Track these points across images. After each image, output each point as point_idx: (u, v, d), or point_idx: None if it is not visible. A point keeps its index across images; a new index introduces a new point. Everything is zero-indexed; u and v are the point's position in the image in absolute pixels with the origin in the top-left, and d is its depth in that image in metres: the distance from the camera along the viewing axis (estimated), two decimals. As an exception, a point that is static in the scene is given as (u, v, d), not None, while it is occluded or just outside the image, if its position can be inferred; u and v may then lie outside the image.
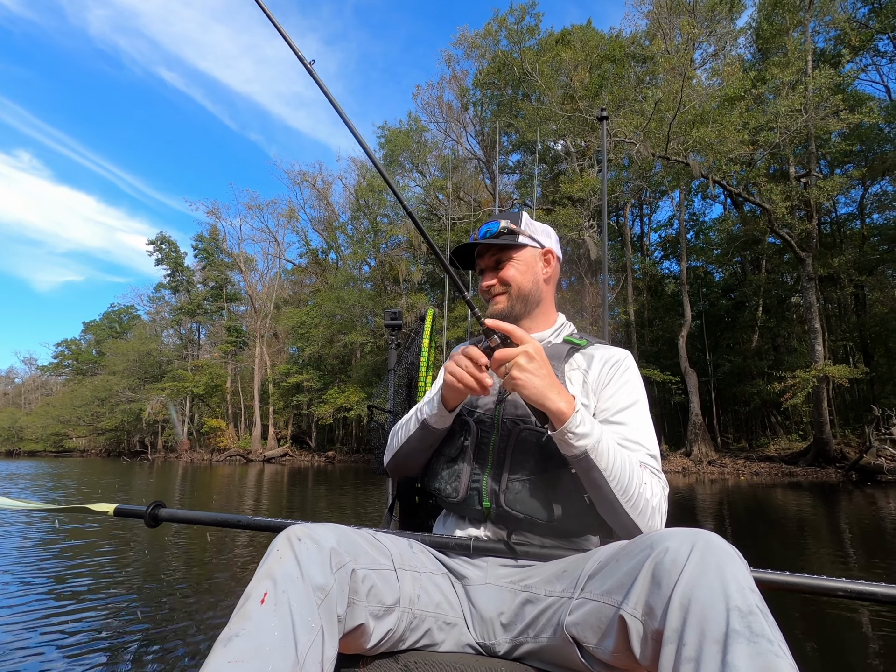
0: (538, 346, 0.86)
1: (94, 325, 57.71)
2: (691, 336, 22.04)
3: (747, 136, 11.30)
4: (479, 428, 1.02)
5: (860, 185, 19.68)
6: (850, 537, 5.74)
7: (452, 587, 0.95)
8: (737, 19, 19.02)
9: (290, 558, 0.70)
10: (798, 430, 19.68)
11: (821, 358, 14.69)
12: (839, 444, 15.53)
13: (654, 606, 0.62)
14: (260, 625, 0.62)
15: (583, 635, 0.73)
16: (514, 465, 0.96)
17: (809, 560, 4.55)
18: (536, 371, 0.83)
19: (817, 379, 14.10)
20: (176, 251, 39.84)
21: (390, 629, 0.81)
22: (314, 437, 31.59)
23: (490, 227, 1.13)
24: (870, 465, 13.02)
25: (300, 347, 28.79)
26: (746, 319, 22.27)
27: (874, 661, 2.54)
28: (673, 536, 0.67)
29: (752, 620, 0.55)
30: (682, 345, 18.25)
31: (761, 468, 15.45)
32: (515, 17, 18.19)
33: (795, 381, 14.48)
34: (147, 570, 4.07)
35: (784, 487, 11.66)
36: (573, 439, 0.83)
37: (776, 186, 12.70)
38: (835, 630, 3.00)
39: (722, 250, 22.38)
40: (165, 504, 1.22)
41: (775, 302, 22.00)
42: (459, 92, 22.45)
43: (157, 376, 39.69)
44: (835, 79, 11.25)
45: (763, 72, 13.13)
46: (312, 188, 31.59)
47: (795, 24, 14.34)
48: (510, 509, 0.94)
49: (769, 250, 20.60)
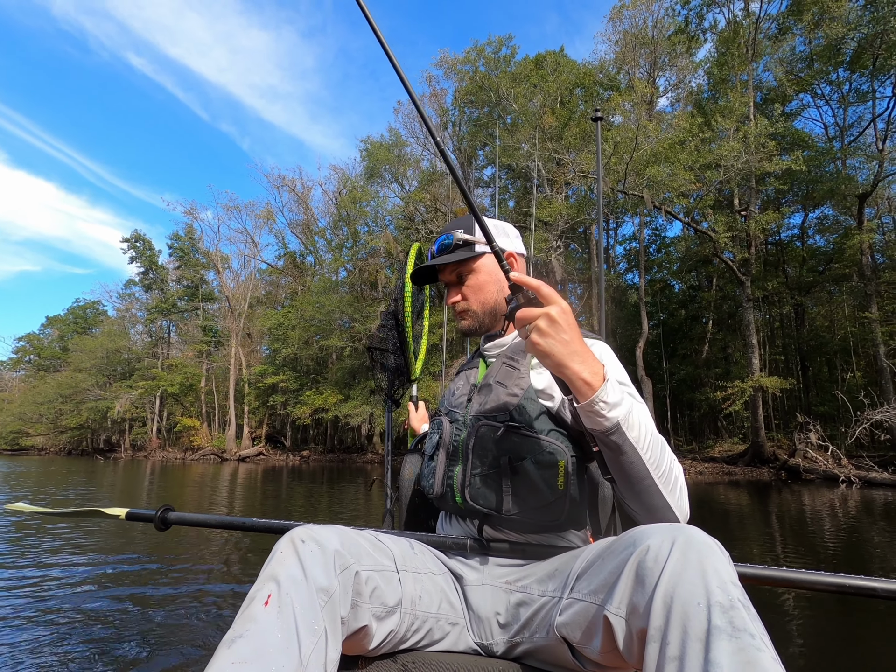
0: (565, 308, 0.77)
1: (58, 320, 56.17)
2: (652, 344, 23.76)
3: (693, 175, 12.88)
4: (453, 426, 1.04)
5: (801, 211, 21.83)
6: (779, 528, 6.45)
7: (454, 587, 0.96)
8: (695, 54, 20.89)
9: (293, 560, 0.71)
10: (739, 434, 21.53)
11: (757, 370, 16.48)
12: (773, 447, 17.34)
13: (638, 605, 0.62)
14: (264, 627, 0.63)
15: (572, 635, 0.73)
16: (474, 460, 0.97)
17: (747, 548, 5.08)
18: (557, 336, 0.75)
19: (753, 389, 15.85)
20: (150, 249, 39.53)
21: (392, 630, 0.81)
22: (289, 437, 32.10)
23: (444, 240, 1.10)
24: (796, 466, 14.82)
25: (276, 349, 29.25)
26: (698, 332, 24.18)
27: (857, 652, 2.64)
28: (654, 533, 0.66)
29: (733, 615, 0.55)
30: (639, 354, 19.84)
31: (705, 468, 17.11)
32: (493, 47, 19.58)
33: (735, 391, 16.21)
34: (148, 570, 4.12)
35: (725, 485, 12.81)
36: (605, 409, 0.76)
37: (721, 217, 14.40)
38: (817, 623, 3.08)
39: (680, 265, 24.29)
40: (175, 507, 1.25)
41: (726, 316, 23.97)
42: (439, 110, 23.61)
43: (126, 374, 39.33)
44: (770, 129, 12.96)
45: (710, 116, 14.79)
46: (292, 192, 32.11)
47: (740, 71, 16.12)
48: (474, 504, 0.95)
49: (720, 269, 22.54)
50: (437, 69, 21.84)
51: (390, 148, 24.34)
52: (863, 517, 7.73)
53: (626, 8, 19.17)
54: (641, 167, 12.75)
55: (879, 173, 15.13)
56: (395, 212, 24.70)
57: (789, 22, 17.13)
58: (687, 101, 20.51)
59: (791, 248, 22.20)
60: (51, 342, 55.51)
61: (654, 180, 12.44)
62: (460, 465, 0.99)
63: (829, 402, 18.21)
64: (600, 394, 0.75)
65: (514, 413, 0.95)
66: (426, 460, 1.09)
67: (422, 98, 24.00)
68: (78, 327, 52.09)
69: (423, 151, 26.08)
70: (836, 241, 19.86)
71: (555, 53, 23.00)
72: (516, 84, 18.97)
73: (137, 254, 39.51)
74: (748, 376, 16.41)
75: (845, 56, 16.09)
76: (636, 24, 19.26)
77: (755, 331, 16.85)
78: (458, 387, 1.12)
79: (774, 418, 21.31)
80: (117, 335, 40.97)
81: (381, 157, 23.81)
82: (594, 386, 0.76)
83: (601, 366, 0.78)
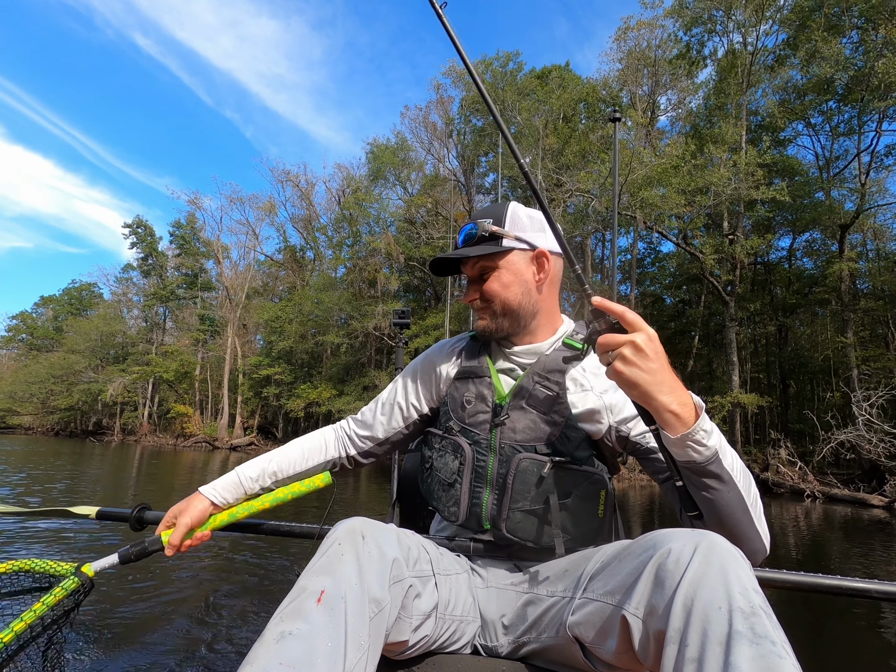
0: (651, 335, 0.72)
1: (52, 300, 56.12)
2: (639, 357, 24.40)
3: (684, 200, 13.60)
4: (475, 450, 0.96)
5: (790, 234, 22.62)
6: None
7: (471, 587, 0.94)
8: (696, 76, 21.60)
9: (351, 558, 0.69)
10: (718, 447, 22.24)
11: (736, 387, 17.24)
12: (749, 461, 18.09)
13: (657, 607, 0.62)
14: (315, 629, 0.61)
15: (585, 635, 0.73)
16: (514, 495, 0.91)
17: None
18: (644, 364, 0.70)
19: (731, 405, 16.59)
20: (152, 235, 39.75)
21: (426, 636, 0.81)
22: (280, 428, 32.53)
23: (469, 230, 1.01)
24: (766, 480, 15.57)
25: (273, 341, 29.67)
26: (685, 346, 24.96)
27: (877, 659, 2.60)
28: (676, 537, 0.66)
29: (755, 622, 0.55)
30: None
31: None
32: (500, 62, 20.24)
33: (714, 405, 16.94)
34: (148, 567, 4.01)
35: None
36: (705, 438, 0.72)
37: (709, 240, 15.15)
38: (838, 628, 3.04)
39: (672, 280, 25.08)
40: (151, 506, 1.18)
41: (712, 332, 24.75)
42: (445, 118, 24.21)
43: (120, 357, 39.54)
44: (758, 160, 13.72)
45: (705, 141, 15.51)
46: (295, 187, 32.53)
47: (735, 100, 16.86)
48: (511, 536, 0.91)
49: (708, 287, 23.29)
50: (446, 77, 22.45)
51: (395, 152, 24.92)
52: (824, 528, 8.47)
53: (631, 30, 19.84)
54: (635, 189, 13.43)
55: (861, 206, 15.90)
56: (398, 214, 25.28)
57: (785, 52, 17.90)
58: (686, 122, 21.23)
59: (779, 268, 23.00)
60: (44, 322, 55.45)
61: (647, 202, 13.13)
62: (489, 493, 0.94)
63: (805, 421, 19.02)
64: (700, 423, 0.72)
65: (557, 444, 0.92)
66: (443, 486, 0.99)
67: (428, 105, 24.60)
68: (73, 308, 52.12)
69: (427, 156, 26.70)
70: (822, 265, 20.66)
71: (560, 68, 23.63)
72: (521, 98, 19.60)
73: (139, 239, 39.72)
74: (728, 392, 17.16)
75: (837, 90, 16.87)
76: (640, 44, 19.95)
77: (737, 349, 17.60)
78: (469, 399, 1.01)
79: (755, 433, 22.13)
80: (113, 319, 41.14)
81: (386, 159, 24.38)
82: (683, 417, 0.72)
83: (689, 395, 0.74)
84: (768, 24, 17.54)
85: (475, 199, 25.20)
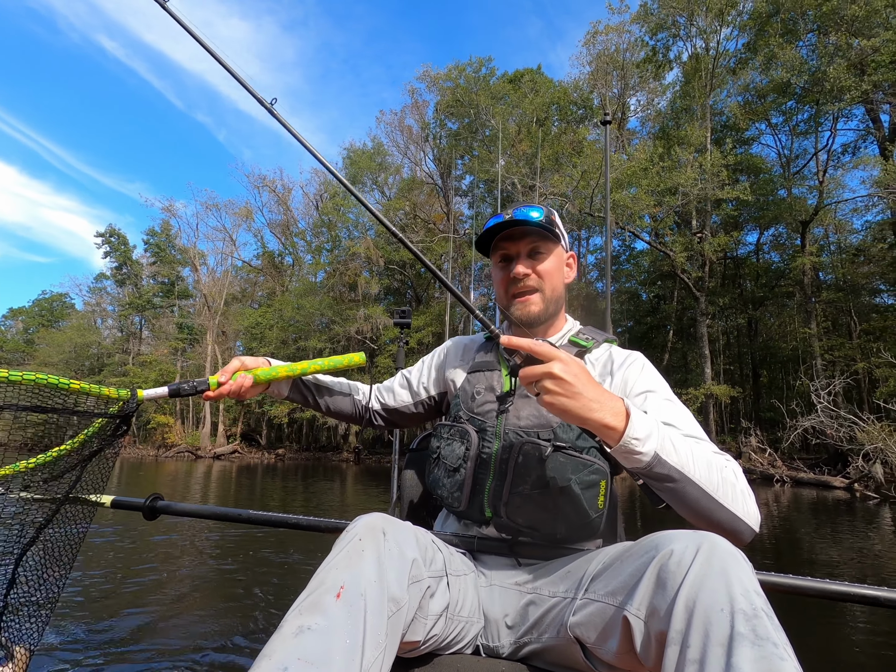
0: (565, 360, 0.74)
1: (22, 311, 54.51)
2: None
3: (653, 200, 14.15)
4: (481, 437, 0.99)
5: (757, 229, 23.48)
6: None
7: (476, 586, 0.95)
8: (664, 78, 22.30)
9: (372, 557, 0.69)
10: (693, 437, 22.97)
11: (709, 379, 17.92)
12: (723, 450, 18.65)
13: (659, 608, 0.62)
14: (334, 625, 0.61)
15: (586, 636, 0.73)
16: (515, 479, 0.93)
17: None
18: (568, 391, 0.73)
19: (705, 396, 17.24)
20: (125, 244, 39.01)
21: (435, 635, 0.81)
22: (264, 435, 32.31)
23: (533, 210, 1.03)
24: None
25: (253, 348, 29.48)
26: (661, 340, 25.68)
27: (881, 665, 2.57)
28: (678, 538, 0.67)
29: (756, 624, 0.55)
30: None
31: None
32: (473, 67, 20.63)
33: (689, 397, 17.57)
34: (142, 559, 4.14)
35: None
36: (637, 445, 0.75)
37: (679, 238, 15.78)
38: (841, 634, 3.04)
39: (647, 276, 25.78)
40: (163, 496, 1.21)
41: (686, 326, 25.52)
42: (421, 122, 24.47)
43: (96, 369, 38.71)
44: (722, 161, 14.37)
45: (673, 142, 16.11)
46: (272, 193, 32.34)
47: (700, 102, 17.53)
48: (511, 521, 0.93)
49: (680, 283, 24.04)
50: (420, 82, 22.72)
51: (372, 156, 25.07)
52: (792, 511, 8.97)
53: (600, 34, 20.43)
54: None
55: (820, 202, 16.69)
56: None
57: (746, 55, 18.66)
58: (655, 122, 21.91)
59: (748, 263, 23.86)
60: (14, 335, 53.84)
61: (618, 204, 13.62)
62: (492, 479, 0.97)
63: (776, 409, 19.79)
64: (629, 431, 0.74)
65: (558, 431, 0.94)
66: (448, 472, 1.02)
67: (404, 109, 24.81)
68: (44, 320, 50.72)
69: (404, 160, 26.90)
70: (788, 259, 21.48)
71: (532, 71, 24.11)
72: (495, 102, 19.99)
73: (112, 248, 38.94)
74: (701, 384, 17.82)
75: (795, 90, 17.66)
76: (608, 48, 20.54)
77: (708, 342, 18.28)
78: (479, 390, 1.06)
79: (729, 422, 22.91)
80: (86, 329, 40.25)
81: (363, 164, 24.53)
82: (618, 428, 0.74)
83: (620, 401, 0.77)
84: (729, 28, 18.30)
85: (453, 202, 25.51)
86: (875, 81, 13.79)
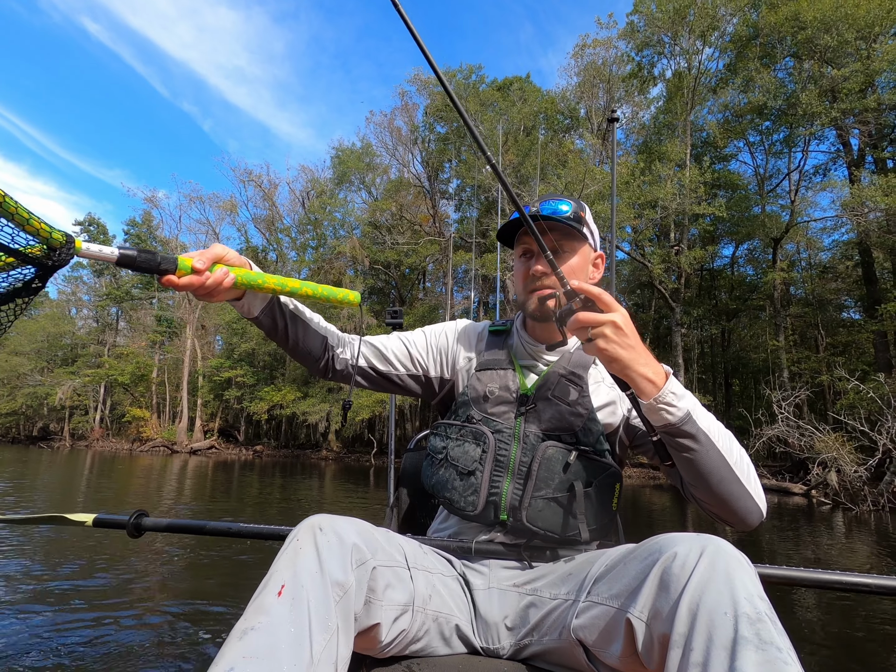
0: (625, 315, 0.78)
1: (-8, 299, 52.88)
2: (594, 358, 25.54)
3: (633, 213, 14.64)
4: (497, 439, 0.97)
5: (732, 243, 24.28)
6: (693, 522, 7.84)
7: (462, 589, 0.94)
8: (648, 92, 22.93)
9: (310, 551, 0.69)
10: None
11: (682, 387, 18.51)
12: (693, 456, 19.35)
13: (662, 611, 0.62)
14: (276, 620, 0.61)
15: (589, 638, 0.73)
16: (538, 482, 0.92)
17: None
18: (624, 343, 0.77)
19: (677, 403, 17.80)
20: (105, 234, 38.27)
21: (403, 629, 0.80)
22: (242, 431, 32.05)
23: (560, 203, 1.02)
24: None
25: (234, 343, 29.26)
26: (637, 348, 26.25)
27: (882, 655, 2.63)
28: (682, 541, 0.67)
29: (760, 628, 0.55)
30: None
31: (634, 472, 18.96)
32: (463, 74, 20.93)
33: (662, 405, 18.12)
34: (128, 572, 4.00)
35: (651, 488, 14.57)
36: (674, 399, 0.78)
37: (657, 251, 16.33)
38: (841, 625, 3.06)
39: (626, 284, 26.42)
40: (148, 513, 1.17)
41: (663, 335, 26.18)
42: (410, 125, 24.68)
43: (69, 360, 37.88)
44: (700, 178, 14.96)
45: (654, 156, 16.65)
46: (258, 188, 32.13)
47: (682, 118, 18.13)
48: (530, 525, 0.91)
49: (657, 293, 24.70)
50: (411, 85, 22.93)
51: (361, 156, 25.19)
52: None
53: (588, 47, 20.94)
54: (589, 203, 14.38)
55: (791, 221, 17.42)
56: (363, 218, 25.53)
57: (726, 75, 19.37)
58: (640, 135, 22.51)
59: (723, 275, 24.63)
60: (-17, 322, 52.15)
61: (599, 215, 14.06)
62: (509, 481, 0.95)
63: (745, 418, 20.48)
64: (669, 385, 0.78)
65: (580, 435, 0.95)
66: (462, 474, 0.98)
67: (394, 111, 24.99)
68: (15, 308, 49.28)
69: (392, 161, 27.06)
70: (761, 273, 22.27)
71: (521, 80, 24.52)
72: (484, 109, 20.32)
73: (91, 238, 38.15)
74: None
75: (772, 112, 18.40)
76: (595, 61, 21.05)
77: (682, 351, 18.87)
78: (493, 390, 1.03)
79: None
80: (60, 319, 39.35)
81: (351, 164, 24.63)
82: (658, 384, 0.78)
83: (661, 366, 0.82)
84: (711, 49, 18.98)
85: (439, 204, 25.77)
86: (844, 109, 14.51)
